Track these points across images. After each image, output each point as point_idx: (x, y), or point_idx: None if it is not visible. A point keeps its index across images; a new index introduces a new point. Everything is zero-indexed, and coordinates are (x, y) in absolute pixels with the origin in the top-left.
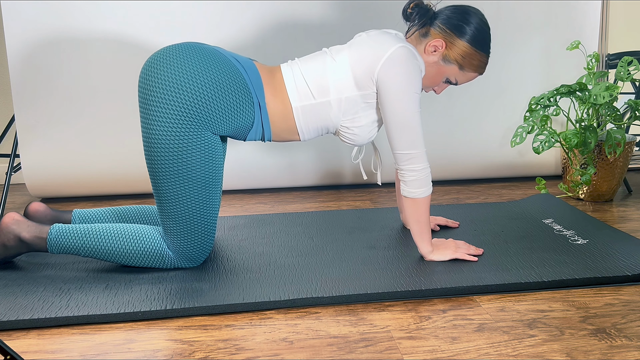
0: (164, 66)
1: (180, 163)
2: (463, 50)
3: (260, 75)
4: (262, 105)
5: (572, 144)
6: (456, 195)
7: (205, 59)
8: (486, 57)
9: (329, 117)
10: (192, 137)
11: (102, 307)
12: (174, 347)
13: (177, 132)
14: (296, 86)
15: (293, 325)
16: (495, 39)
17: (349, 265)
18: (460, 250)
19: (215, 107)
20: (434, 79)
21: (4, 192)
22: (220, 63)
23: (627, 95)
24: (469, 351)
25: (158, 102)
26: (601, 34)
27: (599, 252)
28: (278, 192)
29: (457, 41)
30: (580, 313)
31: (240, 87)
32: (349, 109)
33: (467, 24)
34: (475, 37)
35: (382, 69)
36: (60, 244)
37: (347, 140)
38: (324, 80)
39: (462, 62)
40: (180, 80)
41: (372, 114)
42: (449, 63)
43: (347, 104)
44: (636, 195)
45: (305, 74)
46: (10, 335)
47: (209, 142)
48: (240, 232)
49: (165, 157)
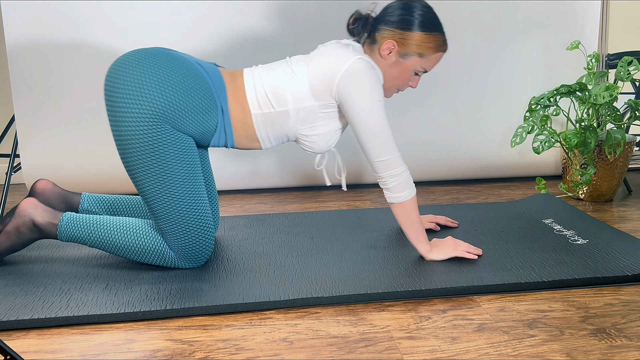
0: (129, 69)
1: (154, 160)
2: (417, 40)
3: (224, 79)
4: (225, 109)
5: (572, 144)
6: (456, 195)
7: (168, 62)
8: (441, 35)
9: (288, 125)
10: (161, 135)
11: (102, 307)
12: (174, 347)
13: (146, 131)
14: (256, 94)
15: (293, 325)
16: (496, 39)
17: (349, 265)
18: (459, 248)
19: (180, 107)
20: (402, 77)
21: (4, 192)
22: (183, 66)
23: (627, 95)
24: (469, 351)
25: (125, 102)
26: (601, 34)
27: (599, 252)
28: (278, 192)
29: (408, 34)
30: (580, 313)
31: (203, 90)
32: (307, 118)
33: (410, 15)
34: (423, 23)
35: (340, 84)
36: (69, 233)
37: (306, 148)
38: (282, 90)
39: (420, 50)
40: (145, 81)
41: (331, 123)
42: (408, 57)
43: (305, 113)
44: (636, 195)
45: (265, 82)
46: (10, 335)
47: (180, 141)
48: (240, 232)
49: (138, 155)
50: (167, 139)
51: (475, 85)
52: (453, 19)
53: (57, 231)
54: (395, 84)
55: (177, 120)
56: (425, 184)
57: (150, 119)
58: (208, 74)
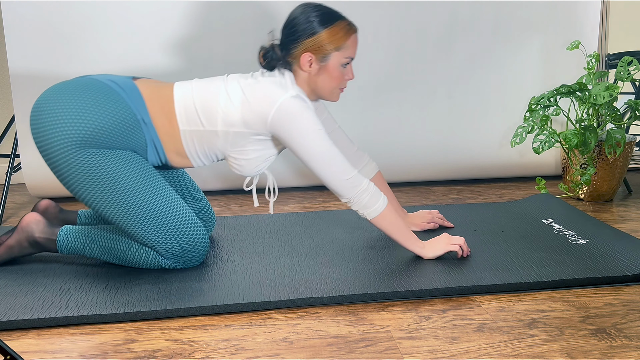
0: (46, 106)
1: (98, 182)
2: (326, 38)
3: (141, 91)
4: (148, 121)
5: (572, 144)
6: (456, 195)
7: (76, 89)
8: (343, 20)
9: (216, 145)
10: (92, 159)
11: (102, 307)
12: (174, 347)
13: (76, 160)
14: (185, 109)
15: (293, 325)
16: (496, 39)
17: (349, 265)
18: (453, 241)
19: (98, 128)
20: (334, 77)
21: (4, 192)
22: (92, 88)
23: (627, 95)
24: (469, 351)
25: (47, 142)
26: (601, 34)
27: (599, 252)
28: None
29: (316, 39)
30: (580, 313)
31: (117, 105)
32: (237, 142)
33: (307, 21)
34: (322, 21)
35: (273, 125)
36: (68, 246)
37: (234, 169)
38: (214, 110)
39: (335, 45)
40: (57, 116)
41: (263, 149)
42: (328, 57)
43: (235, 137)
44: (636, 195)
45: (196, 99)
46: (10, 335)
47: (114, 156)
48: (240, 232)
49: (82, 185)
50: (99, 160)
51: (475, 85)
52: (453, 19)
53: (57, 246)
54: (331, 86)
55: (101, 140)
56: (425, 184)
57: (74, 148)
58: (122, 89)
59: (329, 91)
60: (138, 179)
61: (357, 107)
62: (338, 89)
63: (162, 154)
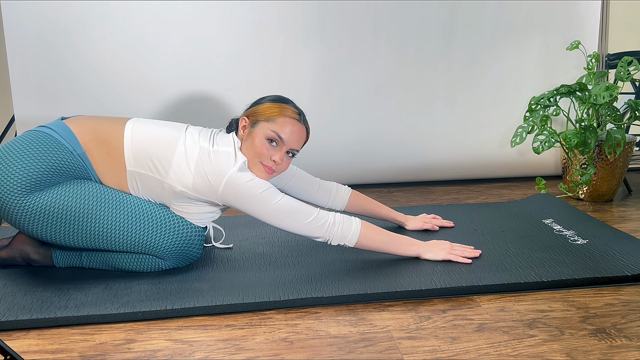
0: None
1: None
2: (264, 108)
3: (70, 127)
4: (80, 153)
5: (572, 144)
6: (456, 195)
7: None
8: (290, 105)
9: (161, 194)
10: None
11: (102, 307)
12: (174, 347)
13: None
14: (134, 151)
15: (293, 325)
16: (496, 39)
17: (349, 265)
18: (454, 252)
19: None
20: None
21: None
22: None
23: (627, 95)
24: (469, 351)
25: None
26: (601, 34)
27: (599, 252)
28: None
29: (257, 107)
30: (580, 313)
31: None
32: (180, 198)
33: (262, 99)
34: (272, 98)
35: (223, 197)
36: (64, 260)
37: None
38: (166, 162)
39: (267, 115)
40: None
41: (205, 207)
42: (257, 124)
43: (181, 196)
44: (636, 195)
45: (151, 144)
46: (10, 335)
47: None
48: (240, 232)
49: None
50: (48, 199)
51: (475, 85)
52: (453, 19)
53: (53, 261)
54: (251, 154)
55: (45, 182)
56: (425, 184)
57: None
58: (52, 129)
59: (250, 159)
60: (93, 197)
61: (357, 107)
62: (259, 162)
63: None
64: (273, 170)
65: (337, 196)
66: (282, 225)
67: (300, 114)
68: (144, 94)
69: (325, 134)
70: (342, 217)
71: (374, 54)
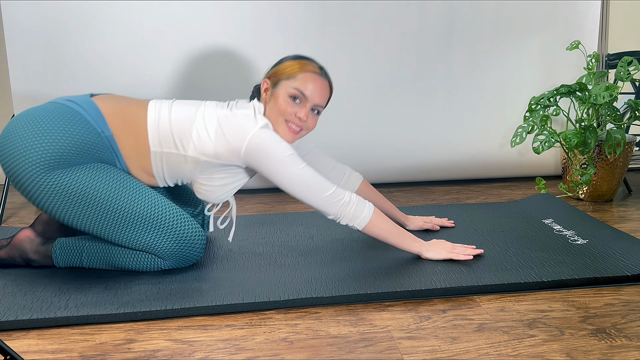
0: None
1: (74, 201)
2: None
3: (99, 107)
4: (109, 135)
5: (572, 144)
6: (456, 195)
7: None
8: (310, 61)
9: (184, 170)
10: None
11: (102, 307)
12: (174, 347)
13: (46, 184)
14: (159, 131)
15: (293, 325)
16: (496, 39)
17: (349, 265)
18: (455, 250)
19: (64, 149)
20: (278, 105)
21: (4, 192)
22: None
23: (627, 95)
24: (469, 351)
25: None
26: (601, 34)
27: (599, 252)
28: (278, 192)
29: (277, 67)
30: (580, 313)
31: (78, 123)
32: (205, 170)
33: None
34: (293, 56)
35: (246, 157)
36: (64, 259)
37: (199, 195)
38: (187, 137)
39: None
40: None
41: (231, 177)
42: (278, 84)
43: (205, 166)
44: (636, 195)
45: (173, 121)
46: (10, 335)
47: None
48: (240, 232)
49: (59, 206)
50: (68, 179)
51: (475, 85)
52: (453, 19)
53: (54, 262)
54: (275, 114)
55: (67, 160)
56: (425, 184)
57: (40, 172)
58: (80, 106)
59: (274, 120)
60: (113, 186)
61: (357, 107)
62: (284, 121)
63: (124, 167)
64: (298, 129)
65: (348, 181)
66: (299, 194)
67: (322, 69)
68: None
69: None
70: (357, 199)
71: (374, 54)
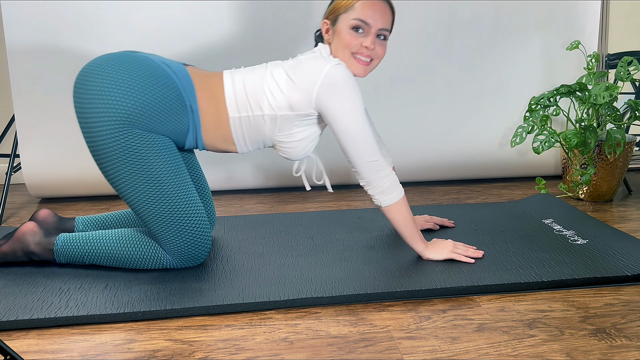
0: (92, 77)
1: (132, 165)
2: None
3: (192, 78)
4: (195, 108)
5: (572, 144)
6: (456, 195)
7: (132, 64)
8: None
9: (264, 131)
10: (133, 140)
11: (102, 307)
12: (174, 347)
13: (117, 137)
14: (235, 97)
15: (293, 325)
16: (496, 39)
17: (349, 265)
18: (457, 250)
19: (148, 108)
20: (343, 39)
21: (4, 192)
22: (148, 67)
23: (627, 95)
24: (469, 351)
25: (91, 112)
26: (601, 34)
27: (599, 252)
28: (278, 192)
29: (333, 5)
30: (580, 313)
31: (170, 89)
32: (284, 126)
33: None
34: None
35: (318, 96)
36: (65, 254)
37: (283, 154)
38: (261, 95)
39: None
40: (109, 87)
41: (308, 129)
42: (337, 20)
43: (282, 121)
44: (636, 195)
45: (247, 84)
46: (10, 335)
47: (155, 142)
48: (240, 232)
49: (114, 163)
50: (140, 142)
51: (475, 85)
52: (453, 19)
53: (54, 255)
54: (343, 51)
55: (147, 122)
56: (425, 184)
57: (119, 124)
58: (175, 73)
59: (342, 57)
60: (169, 171)
61: None
62: (352, 56)
63: (199, 140)
64: (368, 60)
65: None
66: (347, 147)
67: None
68: None
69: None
70: (394, 177)
71: None
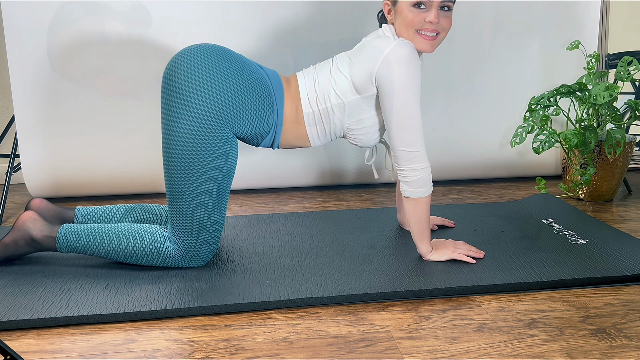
0: (190, 65)
1: (198, 160)
2: None
3: (282, 84)
4: (280, 112)
5: (572, 144)
6: (456, 195)
7: (231, 61)
8: None
9: (334, 121)
10: (213, 136)
11: (102, 307)
12: (174, 347)
13: (199, 131)
14: (307, 93)
15: (293, 325)
16: (496, 39)
17: (349, 265)
18: (458, 250)
19: (239, 109)
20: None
21: (4, 192)
22: (246, 67)
23: (627, 95)
24: (469, 351)
25: (182, 100)
26: (601, 34)
27: (599, 252)
28: (278, 192)
29: None
30: (580, 313)
31: (264, 92)
32: (352, 113)
33: None
34: None
35: (379, 70)
36: (68, 244)
37: (355, 142)
38: (327, 86)
39: None
40: (207, 79)
41: (376, 115)
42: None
43: (350, 108)
44: (636, 195)
45: (315, 80)
46: (10, 335)
47: (228, 142)
48: (240, 232)
49: (184, 154)
50: (216, 142)
51: (475, 85)
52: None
53: (57, 243)
54: (407, 30)
55: (236, 121)
56: None
57: (206, 121)
58: (268, 77)
59: (406, 36)
60: (223, 174)
61: None
62: (416, 33)
63: (277, 141)
64: (434, 34)
65: None
66: (394, 129)
67: None
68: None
69: None
70: (428, 174)
71: None
